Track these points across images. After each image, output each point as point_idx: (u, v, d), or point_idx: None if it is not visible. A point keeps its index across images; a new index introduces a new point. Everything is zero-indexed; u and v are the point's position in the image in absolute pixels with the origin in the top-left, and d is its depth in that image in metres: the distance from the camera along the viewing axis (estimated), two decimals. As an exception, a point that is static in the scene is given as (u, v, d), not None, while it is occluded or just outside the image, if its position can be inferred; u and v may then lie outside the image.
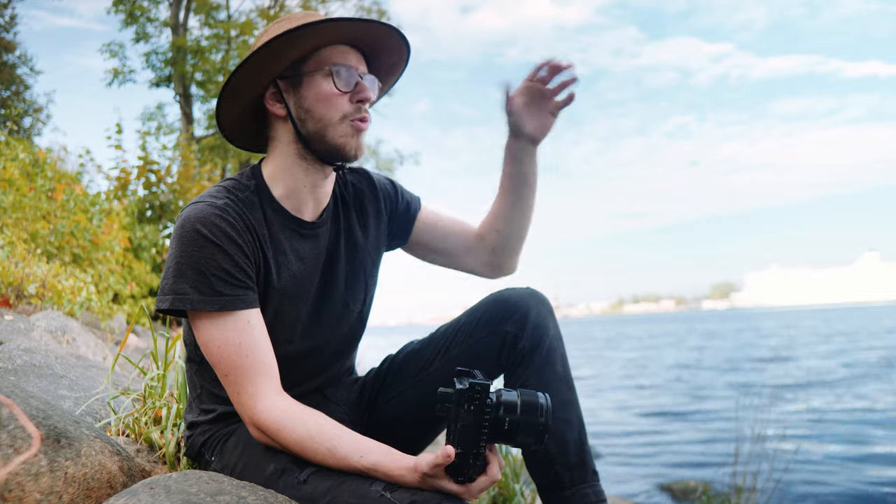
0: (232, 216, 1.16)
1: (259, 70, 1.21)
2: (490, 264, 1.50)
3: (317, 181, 1.27)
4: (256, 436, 1.14)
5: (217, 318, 1.12)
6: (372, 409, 1.43)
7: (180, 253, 1.12)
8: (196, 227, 1.12)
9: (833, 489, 4.16)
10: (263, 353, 1.14)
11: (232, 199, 1.19)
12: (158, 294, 1.15)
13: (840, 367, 12.21)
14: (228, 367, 1.12)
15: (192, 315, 1.15)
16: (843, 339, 22.21)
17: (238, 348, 1.11)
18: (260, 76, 1.22)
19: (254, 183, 1.25)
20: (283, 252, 1.24)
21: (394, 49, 1.28)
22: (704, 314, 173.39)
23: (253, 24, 15.76)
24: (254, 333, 1.13)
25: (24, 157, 6.01)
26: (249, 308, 1.14)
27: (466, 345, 1.34)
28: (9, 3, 13.92)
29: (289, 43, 1.17)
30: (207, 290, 1.10)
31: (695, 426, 6.87)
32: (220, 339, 1.12)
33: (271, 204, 1.25)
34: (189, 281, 1.10)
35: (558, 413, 1.29)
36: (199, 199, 1.18)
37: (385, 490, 1.01)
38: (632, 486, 4.52)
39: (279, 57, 1.19)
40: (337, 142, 1.21)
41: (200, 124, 16.68)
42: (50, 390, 1.78)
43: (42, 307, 3.91)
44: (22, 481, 0.99)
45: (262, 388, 1.12)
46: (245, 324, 1.13)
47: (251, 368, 1.12)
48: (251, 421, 1.13)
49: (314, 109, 1.20)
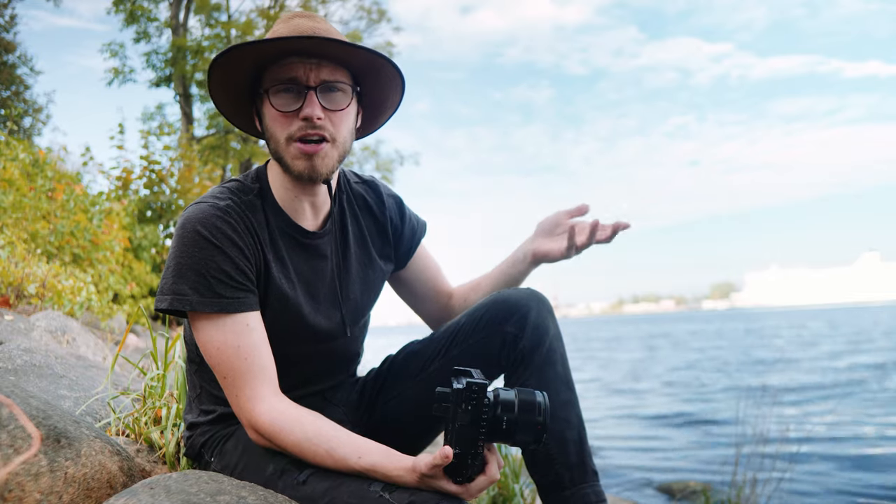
0: (234, 218, 1.15)
1: (230, 94, 1.22)
2: (438, 320, 1.54)
3: (307, 192, 1.25)
4: (255, 438, 1.14)
5: (216, 320, 1.11)
6: (372, 410, 1.43)
7: (180, 253, 1.12)
8: (197, 228, 1.11)
9: (833, 490, 4.16)
10: (262, 356, 1.13)
11: (235, 201, 1.18)
12: (158, 293, 1.14)
13: (842, 368, 12.21)
14: (227, 370, 1.12)
15: (191, 316, 1.14)
16: (845, 339, 22.22)
17: (237, 351, 1.11)
18: (234, 100, 1.23)
19: (258, 186, 1.25)
20: (284, 257, 1.23)
21: (352, 55, 1.16)
22: (704, 314, 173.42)
23: (253, 24, 15.76)
24: (253, 336, 1.13)
25: (24, 157, 6.01)
26: (249, 311, 1.14)
27: (466, 345, 1.34)
28: (9, 3, 13.92)
29: (222, 66, 1.15)
30: (207, 292, 1.10)
31: (695, 426, 6.87)
32: (219, 341, 1.11)
33: (273, 208, 1.24)
34: (189, 282, 1.10)
35: (558, 413, 1.29)
36: (202, 199, 1.18)
37: (384, 491, 1.01)
38: (632, 487, 4.52)
39: (227, 80, 1.18)
40: (288, 163, 1.17)
41: (200, 124, 16.69)
42: (50, 390, 1.78)
43: (42, 307, 3.91)
44: (22, 481, 0.99)
45: (259, 390, 1.11)
46: (244, 326, 1.12)
47: (249, 371, 1.11)
48: (249, 423, 1.12)
49: (269, 129, 1.18)
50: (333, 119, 1.16)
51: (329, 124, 1.16)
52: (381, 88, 1.27)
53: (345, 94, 1.19)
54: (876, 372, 11.14)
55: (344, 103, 1.18)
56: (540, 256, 1.43)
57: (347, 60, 1.19)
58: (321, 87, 1.15)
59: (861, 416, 6.86)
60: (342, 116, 1.18)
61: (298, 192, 1.24)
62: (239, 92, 1.22)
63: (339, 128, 1.17)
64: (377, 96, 1.29)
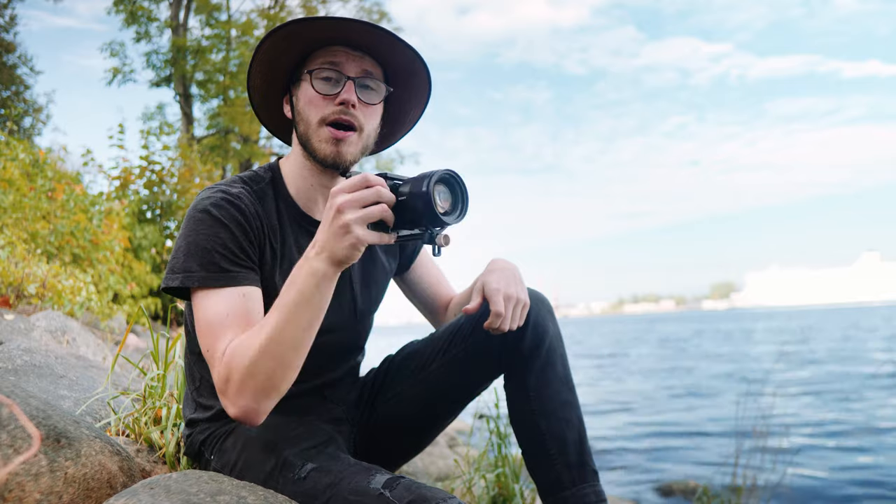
0: (244, 203, 1.17)
1: (267, 75, 1.24)
2: (441, 324, 1.54)
3: (325, 182, 1.27)
4: (232, 412, 1.05)
5: (215, 293, 1.11)
6: (371, 409, 1.43)
7: (189, 232, 1.13)
8: (206, 208, 1.14)
9: (834, 491, 4.16)
10: (249, 319, 1.09)
11: (246, 190, 1.21)
12: (167, 273, 1.15)
13: (844, 369, 12.21)
14: (210, 341, 1.07)
15: (193, 292, 1.13)
16: (846, 339, 22.22)
17: (224, 318, 1.08)
18: (272, 80, 1.26)
19: (270, 176, 1.28)
20: (291, 247, 1.24)
21: (396, 51, 1.23)
22: (705, 314, 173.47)
23: (253, 24, 15.76)
24: (246, 304, 1.11)
25: (24, 157, 6.01)
26: (249, 284, 1.14)
27: (466, 345, 1.34)
28: (9, 4, 13.92)
29: (273, 47, 1.20)
30: (212, 268, 1.11)
31: (696, 426, 6.87)
32: (212, 310, 1.09)
33: (285, 199, 1.27)
34: (197, 259, 1.11)
35: (558, 413, 1.29)
36: (216, 186, 1.21)
37: (384, 488, 1.01)
38: (631, 487, 4.52)
39: (273, 61, 1.22)
40: (315, 146, 1.21)
41: (200, 124, 16.70)
42: (50, 390, 1.78)
43: (42, 307, 3.91)
44: (22, 481, 0.99)
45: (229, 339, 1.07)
46: (239, 296, 1.11)
47: (230, 327, 1.07)
48: (219, 388, 1.05)
49: (302, 112, 1.22)
50: (365, 111, 1.22)
51: (360, 115, 1.21)
52: (409, 96, 1.32)
53: (378, 92, 1.24)
54: (878, 372, 11.14)
55: (377, 99, 1.24)
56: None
57: (389, 59, 1.25)
58: (360, 79, 1.21)
59: (862, 416, 6.86)
60: (374, 111, 1.24)
61: (315, 181, 1.27)
62: (280, 72, 1.25)
63: (368, 120, 1.23)
64: (400, 107, 1.34)
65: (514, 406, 1.35)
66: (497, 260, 1.36)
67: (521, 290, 1.27)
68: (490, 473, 2.14)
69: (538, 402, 1.30)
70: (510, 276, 1.28)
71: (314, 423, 1.27)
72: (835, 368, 12.15)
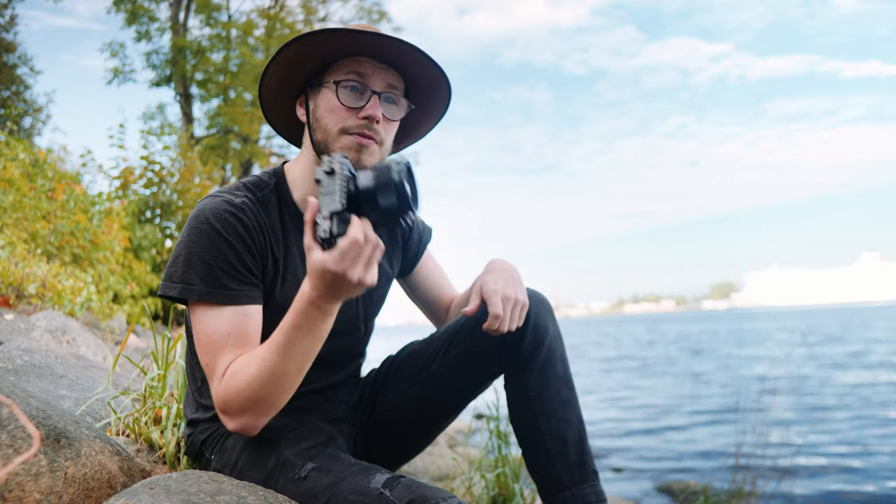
0: (247, 215, 1.17)
1: (285, 76, 1.23)
2: (437, 325, 1.56)
3: None
4: (231, 427, 1.09)
5: (216, 310, 1.12)
6: (372, 409, 1.43)
7: (191, 243, 1.13)
8: (210, 221, 1.13)
9: (834, 491, 4.16)
10: (248, 345, 1.11)
11: (250, 199, 1.20)
12: (165, 280, 1.15)
13: (845, 368, 12.20)
14: (211, 357, 1.11)
15: (192, 304, 1.14)
16: (847, 339, 22.22)
17: (225, 338, 1.11)
18: (288, 80, 1.24)
19: (274, 182, 1.26)
20: (294, 256, 1.24)
21: (424, 68, 1.22)
22: (705, 314, 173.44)
23: (253, 24, 15.77)
24: (247, 325, 1.13)
25: (24, 157, 6.00)
26: (250, 303, 1.14)
27: (466, 345, 1.34)
28: (9, 4, 13.91)
29: (299, 50, 1.18)
30: (213, 283, 1.11)
31: (696, 426, 6.87)
32: (212, 329, 1.11)
33: (289, 206, 1.25)
34: (197, 272, 1.11)
35: (558, 413, 1.29)
36: (219, 193, 1.20)
37: (384, 487, 1.01)
38: (632, 487, 4.52)
39: (293, 64, 1.20)
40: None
41: (200, 124, 16.70)
42: (50, 390, 1.78)
43: (42, 307, 3.91)
44: (22, 481, 0.99)
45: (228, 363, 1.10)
46: (241, 316, 1.12)
47: (230, 346, 1.10)
48: (217, 404, 1.09)
49: (321, 119, 1.20)
50: (387, 126, 1.21)
51: (382, 130, 1.20)
52: (427, 111, 1.31)
53: (400, 108, 1.24)
54: (880, 372, 11.14)
55: (399, 115, 1.23)
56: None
57: (415, 74, 1.23)
58: (385, 94, 1.20)
59: (864, 420, 6.86)
60: (394, 126, 1.24)
61: None
62: (298, 74, 1.23)
63: (389, 134, 1.22)
64: (416, 119, 1.33)
65: (514, 406, 1.35)
66: (495, 260, 1.36)
67: (519, 290, 1.27)
68: (490, 473, 2.14)
69: (538, 402, 1.30)
70: (508, 277, 1.28)
71: (314, 422, 1.27)
72: (840, 369, 12.14)
